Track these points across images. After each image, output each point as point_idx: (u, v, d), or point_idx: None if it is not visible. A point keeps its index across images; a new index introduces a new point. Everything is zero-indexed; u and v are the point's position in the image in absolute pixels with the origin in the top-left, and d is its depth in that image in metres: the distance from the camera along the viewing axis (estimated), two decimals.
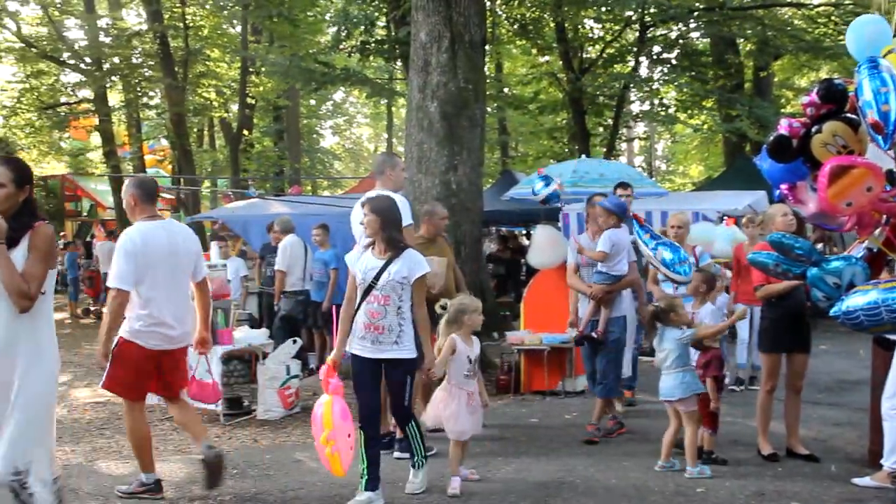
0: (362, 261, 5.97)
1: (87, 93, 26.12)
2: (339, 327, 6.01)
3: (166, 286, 5.94)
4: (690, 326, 6.69)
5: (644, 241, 7.85)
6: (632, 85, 22.86)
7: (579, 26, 24.16)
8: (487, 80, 16.58)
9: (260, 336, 9.35)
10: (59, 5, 25.04)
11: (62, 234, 28.96)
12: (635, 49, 23.34)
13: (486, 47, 13.51)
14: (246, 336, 9.21)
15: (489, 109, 19.77)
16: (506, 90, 28.31)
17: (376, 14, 19.82)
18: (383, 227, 5.90)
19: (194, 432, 6.24)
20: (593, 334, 7.79)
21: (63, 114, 27.87)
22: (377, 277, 5.83)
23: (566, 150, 26.68)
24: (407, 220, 6.95)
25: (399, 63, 21.44)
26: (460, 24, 10.53)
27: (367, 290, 5.85)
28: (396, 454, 6.98)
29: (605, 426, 7.87)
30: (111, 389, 6.13)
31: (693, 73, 22.43)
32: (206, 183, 29.20)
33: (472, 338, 6.35)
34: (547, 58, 25.56)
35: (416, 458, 6.14)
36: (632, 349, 8.91)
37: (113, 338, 5.86)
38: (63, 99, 27.80)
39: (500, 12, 22.77)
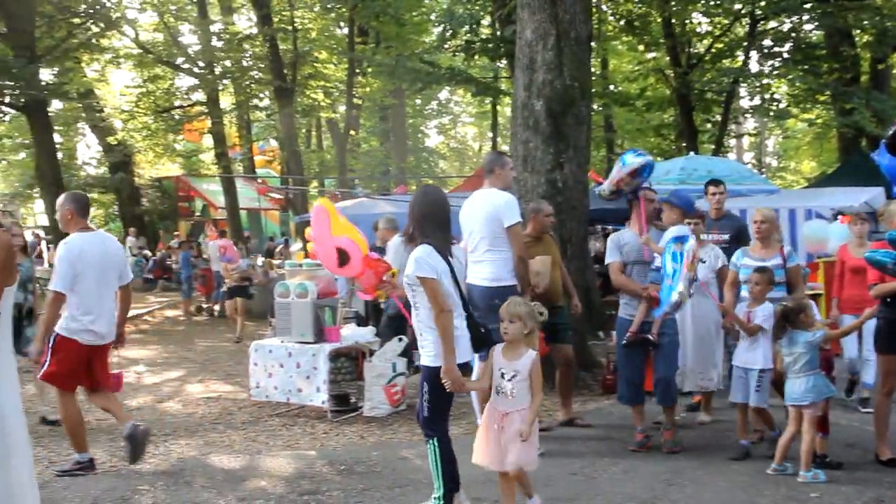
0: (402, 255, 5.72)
1: (199, 96, 26.85)
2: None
3: (98, 289, 6.61)
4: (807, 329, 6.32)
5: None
6: (741, 80, 22.35)
7: (687, 21, 23.75)
8: (593, 77, 16.41)
9: (366, 334, 9.44)
10: (174, 12, 25.80)
11: (176, 233, 29.82)
12: (745, 43, 22.82)
13: (592, 44, 13.38)
14: (353, 334, 9.32)
15: (595, 107, 19.56)
16: (612, 87, 28.01)
17: (481, 13, 19.85)
18: (410, 220, 5.41)
19: (119, 416, 6.92)
20: (648, 336, 7.07)
21: (177, 117, 28.68)
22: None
23: (673, 147, 26.26)
24: (515, 218, 6.94)
25: (504, 61, 21.42)
26: (566, 21, 10.42)
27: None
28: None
29: (673, 440, 7.15)
30: (49, 381, 6.74)
31: (806, 67, 21.80)
32: (314, 183, 29.68)
33: (525, 350, 5.19)
34: (654, 54, 25.20)
35: (434, 488, 5.33)
36: (719, 352, 8.17)
37: (49, 336, 6.51)
38: (177, 102, 28.63)
39: (605, 9, 22.55)
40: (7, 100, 21.23)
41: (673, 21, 22.35)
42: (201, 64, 25.62)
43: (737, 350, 6.95)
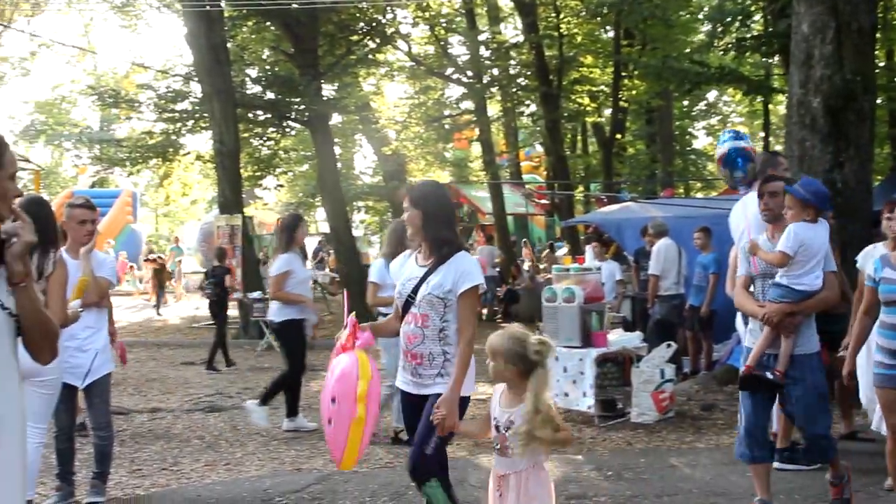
0: (405, 269, 4.88)
1: (468, 105, 27.56)
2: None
3: None
4: None
5: None
6: None
7: None
8: (877, 70, 15.38)
9: (634, 339, 9.36)
10: (444, 24, 26.66)
11: None
12: None
13: (877, 35, 12.56)
14: (620, 339, 9.27)
15: (878, 101, 18.37)
16: None
17: (752, 8, 19.10)
18: (425, 223, 4.67)
19: None
20: (768, 374, 5.41)
21: (447, 126, 29.59)
22: (415, 290, 4.65)
23: None
24: None
25: (777, 58, 20.50)
26: (847, 12, 9.86)
27: (406, 307, 4.71)
28: (777, 465, 6.66)
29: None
30: None
31: None
32: (580, 188, 29.71)
33: (532, 395, 3.94)
34: None
35: None
36: None
37: None
38: (447, 112, 29.55)
39: None
40: (293, 115, 22.75)
41: None
42: (470, 73, 26.34)
43: None
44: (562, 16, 25.57)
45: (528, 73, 25.74)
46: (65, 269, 5.35)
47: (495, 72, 26.06)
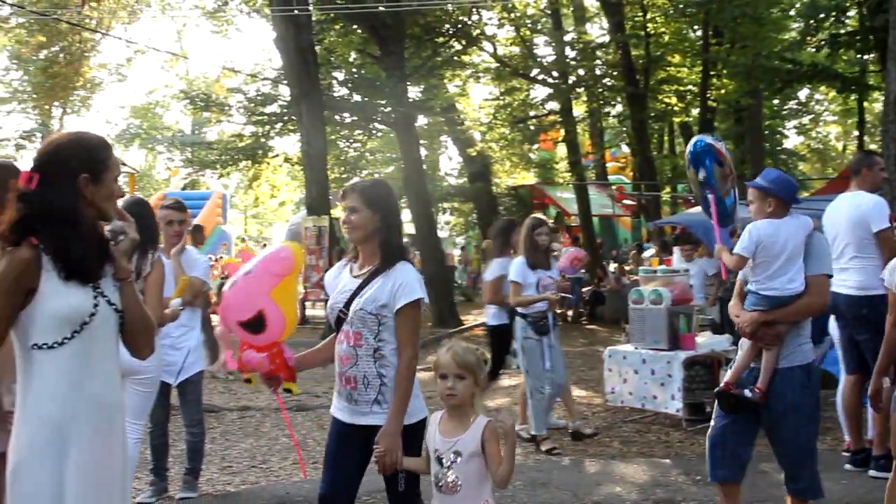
0: (339, 280, 4.26)
1: (553, 106, 27.45)
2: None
3: None
4: None
5: None
6: None
7: None
8: None
9: (723, 342, 9.21)
10: (530, 25, 26.61)
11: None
12: None
13: None
14: (709, 341, 9.13)
15: None
16: None
17: (847, 3, 18.64)
18: (381, 228, 4.09)
19: None
20: (746, 392, 4.84)
21: (532, 127, 29.52)
22: (347, 305, 4.07)
23: None
24: (884, 222, 6.49)
25: (873, 54, 19.97)
26: None
27: (339, 324, 4.13)
28: (872, 472, 6.48)
29: None
30: None
31: None
32: (667, 188, 29.34)
33: (473, 417, 3.66)
34: None
35: None
36: None
37: None
38: (532, 113, 29.47)
39: None
40: (379, 117, 22.96)
41: None
42: (555, 74, 26.23)
43: None
44: (649, 15, 25.31)
45: (615, 73, 25.54)
46: (162, 270, 5.52)
47: (581, 72, 25.92)
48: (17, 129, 40.89)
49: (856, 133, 40.85)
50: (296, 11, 17.84)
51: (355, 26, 21.70)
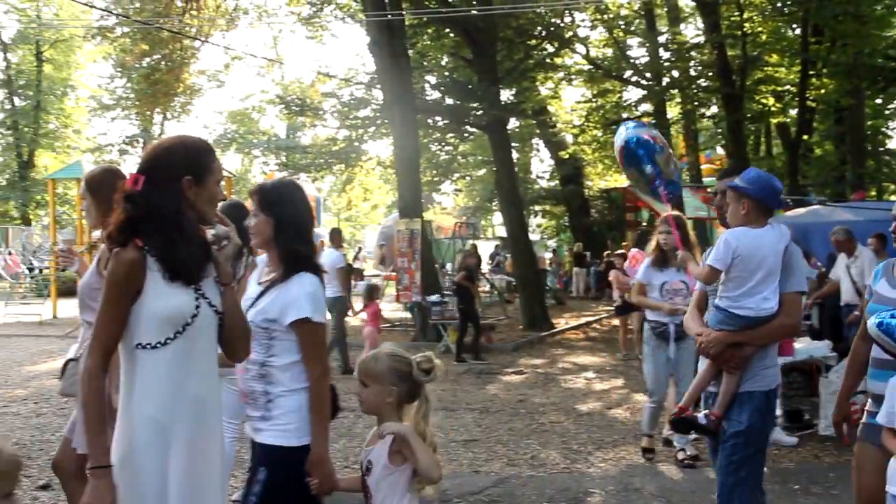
0: (250, 286, 4.01)
1: (647, 107, 27.18)
2: None
3: None
4: None
5: None
6: None
7: None
8: None
9: (822, 348, 9.00)
10: (622, 26, 26.40)
11: (623, 243, 30.48)
12: None
13: None
14: (807, 347, 8.94)
15: None
16: None
17: None
18: (277, 232, 3.79)
19: None
20: (700, 418, 4.46)
21: None
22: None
23: None
24: None
25: None
26: None
27: None
28: None
29: None
30: None
31: None
32: None
33: (421, 418, 3.53)
34: None
35: None
36: None
37: None
38: (625, 115, 29.22)
39: None
40: (471, 120, 23.03)
41: None
42: (649, 76, 25.97)
43: None
44: (746, 14, 24.85)
45: (710, 73, 25.15)
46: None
47: (675, 73, 25.59)
48: (120, 135, 42.41)
49: None
50: (389, 16, 18.03)
51: (448, 30, 21.80)
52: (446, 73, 25.30)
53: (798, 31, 26.12)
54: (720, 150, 33.48)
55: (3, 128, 42.35)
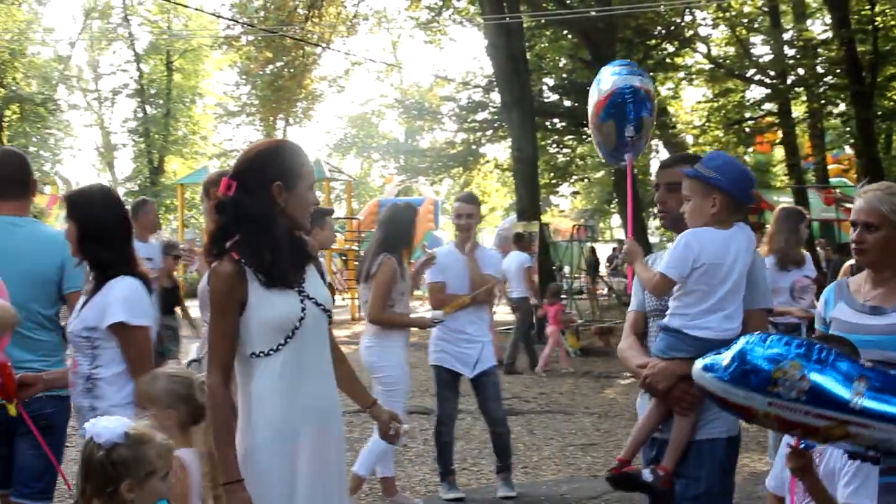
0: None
1: (770, 107, 26.49)
2: None
3: None
4: None
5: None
6: None
7: None
8: None
9: None
10: (745, 24, 25.82)
11: None
12: None
13: None
14: None
15: None
16: None
17: None
18: (82, 239, 3.63)
19: None
20: (646, 475, 3.51)
21: (748, 129, 28.60)
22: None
23: None
24: None
25: None
26: None
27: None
28: None
29: None
30: None
31: None
32: None
33: (207, 440, 3.21)
34: None
35: None
36: None
37: None
38: (748, 114, 28.55)
39: None
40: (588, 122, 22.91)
41: None
42: (773, 74, 25.30)
43: None
44: (877, 7, 23.96)
45: (838, 70, 24.35)
46: (388, 271, 5.90)
47: (801, 71, 24.86)
48: (245, 141, 43.59)
49: None
50: (507, 19, 18.05)
51: (566, 32, 21.74)
52: (564, 75, 25.21)
53: None
54: (848, 150, 32.35)
55: (136, 135, 43.95)
